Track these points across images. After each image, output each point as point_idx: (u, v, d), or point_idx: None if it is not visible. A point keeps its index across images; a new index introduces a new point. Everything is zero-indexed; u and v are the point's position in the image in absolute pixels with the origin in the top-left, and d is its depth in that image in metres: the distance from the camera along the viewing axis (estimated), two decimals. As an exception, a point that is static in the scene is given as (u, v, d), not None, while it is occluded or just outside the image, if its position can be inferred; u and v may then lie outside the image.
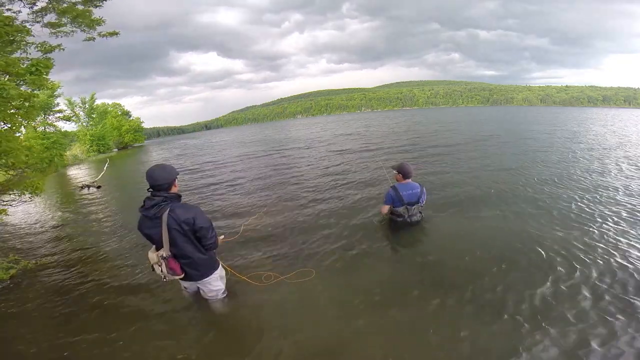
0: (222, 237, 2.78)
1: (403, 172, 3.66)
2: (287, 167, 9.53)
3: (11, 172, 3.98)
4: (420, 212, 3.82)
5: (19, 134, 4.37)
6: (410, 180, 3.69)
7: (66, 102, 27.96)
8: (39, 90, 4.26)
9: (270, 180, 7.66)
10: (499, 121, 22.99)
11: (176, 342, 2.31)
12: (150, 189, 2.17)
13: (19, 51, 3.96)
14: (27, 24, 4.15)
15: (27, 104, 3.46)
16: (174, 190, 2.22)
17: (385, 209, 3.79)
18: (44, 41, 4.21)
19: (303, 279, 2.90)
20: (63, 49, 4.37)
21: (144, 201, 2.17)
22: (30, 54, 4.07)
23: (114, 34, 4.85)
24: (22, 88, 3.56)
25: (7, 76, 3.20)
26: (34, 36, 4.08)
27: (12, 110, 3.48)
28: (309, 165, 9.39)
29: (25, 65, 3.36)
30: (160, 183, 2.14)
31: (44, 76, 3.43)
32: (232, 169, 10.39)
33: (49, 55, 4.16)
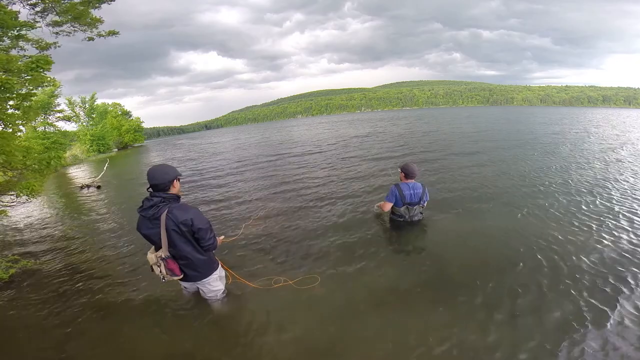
0: (222, 237, 2.76)
1: (406, 172, 3.67)
2: (290, 170, 9.49)
3: (10, 173, 3.96)
4: (421, 213, 3.84)
5: (19, 133, 4.35)
6: (413, 180, 3.69)
7: (66, 101, 27.98)
8: (40, 88, 4.25)
9: (272, 185, 7.56)
10: (509, 122, 22.25)
11: (175, 342, 2.30)
12: (150, 189, 2.17)
13: (17, 48, 3.95)
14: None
15: (25, 103, 3.44)
16: (173, 191, 2.20)
17: (387, 206, 3.76)
18: (40, 38, 4.18)
19: (308, 285, 2.85)
20: (59, 46, 4.35)
21: (143, 202, 2.16)
22: (27, 50, 4.06)
23: (113, 33, 4.83)
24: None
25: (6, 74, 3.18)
26: (34, 28, 4.06)
27: (10, 111, 3.46)
28: (315, 169, 9.09)
29: (23, 62, 3.34)
30: (158, 183, 2.12)
31: (43, 73, 3.41)
32: (232, 171, 10.35)
33: (45, 52, 4.14)
